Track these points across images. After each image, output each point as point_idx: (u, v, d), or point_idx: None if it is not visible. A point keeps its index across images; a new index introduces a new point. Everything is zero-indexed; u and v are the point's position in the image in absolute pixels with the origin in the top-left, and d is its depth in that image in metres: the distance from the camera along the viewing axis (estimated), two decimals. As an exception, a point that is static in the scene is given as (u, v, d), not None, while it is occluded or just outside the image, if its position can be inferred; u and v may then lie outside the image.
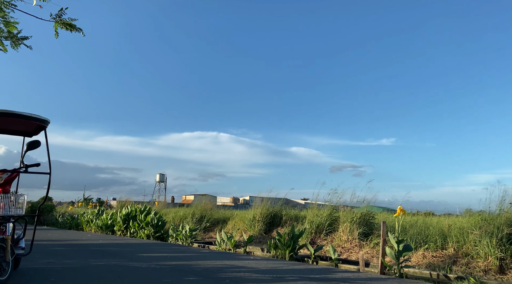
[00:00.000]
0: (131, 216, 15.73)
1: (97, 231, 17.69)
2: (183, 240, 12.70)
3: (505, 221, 8.01)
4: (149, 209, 15.58)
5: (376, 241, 9.78)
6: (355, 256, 9.62)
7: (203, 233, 15.27)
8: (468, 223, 8.77)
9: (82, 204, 33.67)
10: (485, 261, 7.81)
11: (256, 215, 13.59)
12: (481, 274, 7.49)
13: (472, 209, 10.01)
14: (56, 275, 5.59)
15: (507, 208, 8.29)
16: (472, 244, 8.29)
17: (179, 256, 8.63)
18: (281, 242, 9.37)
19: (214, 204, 20.85)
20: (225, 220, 15.78)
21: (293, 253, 9.37)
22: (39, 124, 5.37)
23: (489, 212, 8.55)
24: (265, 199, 14.23)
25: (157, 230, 14.32)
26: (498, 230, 7.92)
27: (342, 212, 11.88)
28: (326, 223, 11.57)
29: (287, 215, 13.65)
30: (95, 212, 19.37)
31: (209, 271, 6.35)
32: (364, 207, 11.64)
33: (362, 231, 10.54)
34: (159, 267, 6.63)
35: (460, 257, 8.30)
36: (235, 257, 8.76)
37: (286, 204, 15.71)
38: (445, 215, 12.73)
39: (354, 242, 10.37)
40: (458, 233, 8.79)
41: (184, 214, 16.72)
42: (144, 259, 7.75)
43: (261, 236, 12.90)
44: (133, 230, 15.22)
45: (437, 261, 8.35)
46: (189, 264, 7.24)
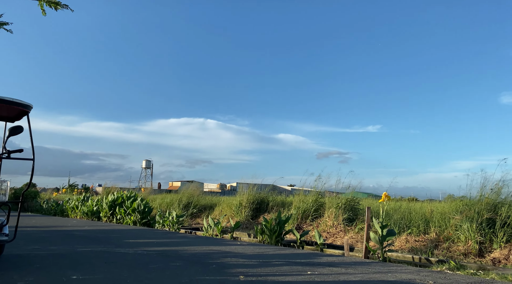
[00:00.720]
0: (117, 203, 15.64)
1: (83, 217, 17.56)
2: (169, 226, 12.72)
3: (485, 206, 8.24)
4: (135, 195, 15.51)
5: (361, 226, 9.96)
6: (340, 241, 9.79)
7: (190, 219, 15.31)
8: (450, 208, 8.99)
9: (67, 190, 33.32)
10: (465, 245, 8.05)
11: (243, 201, 13.67)
12: (461, 257, 7.73)
13: (454, 194, 10.25)
14: (41, 261, 5.56)
15: (487, 194, 8.51)
16: (453, 228, 8.52)
17: (166, 242, 8.65)
18: (268, 228, 9.47)
19: (201, 190, 20.87)
20: (212, 206, 15.83)
21: (279, 239, 9.49)
22: (22, 110, 5.25)
23: (470, 198, 8.76)
24: (252, 185, 14.30)
25: (144, 216, 14.30)
26: (478, 215, 8.14)
27: (328, 198, 12.04)
28: (312, 208, 11.72)
29: (273, 201, 13.76)
30: (81, 198, 19.20)
31: (196, 257, 6.39)
32: (350, 193, 11.81)
33: (347, 216, 10.71)
34: (146, 253, 6.64)
35: (442, 241, 8.52)
36: (222, 242, 8.83)
37: (273, 190, 15.83)
38: (428, 200, 13.01)
39: (339, 227, 10.54)
40: (440, 218, 9.01)
41: (171, 200, 16.70)
42: (130, 245, 7.74)
43: (248, 222, 13.00)
44: (119, 217, 15.16)
45: (420, 245, 8.56)
46: (176, 249, 7.27)
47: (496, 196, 8.44)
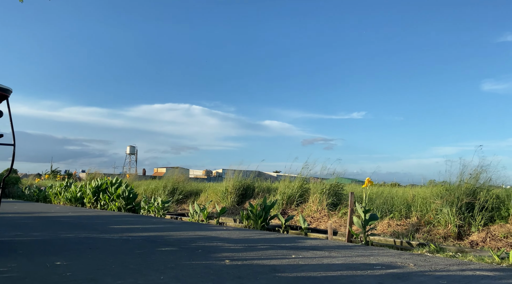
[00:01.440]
0: (101, 189, 15.51)
1: (66, 203, 17.38)
2: (155, 212, 12.70)
3: (465, 191, 8.47)
4: (120, 181, 15.38)
5: (344, 211, 10.14)
6: (324, 226, 9.96)
7: (176, 205, 15.31)
8: (431, 193, 9.21)
9: (49, 176, 32.81)
10: (445, 228, 8.29)
11: (228, 187, 13.71)
12: (441, 240, 7.96)
13: (435, 180, 10.49)
14: (24, 247, 5.50)
15: (467, 179, 8.74)
16: (434, 212, 8.75)
17: (151, 228, 8.65)
18: (253, 213, 9.55)
19: (186, 177, 20.82)
20: (197, 192, 15.84)
21: (264, 223, 9.59)
22: (1, 94, 5.10)
23: (450, 183, 8.98)
24: (238, 172, 14.34)
25: (129, 203, 14.23)
26: (458, 200, 8.37)
27: (312, 184, 12.18)
28: (297, 194, 11.85)
29: (259, 187, 13.84)
30: (64, 184, 18.95)
31: (182, 242, 6.42)
32: (334, 179, 11.96)
33: (331, 201, 10.87)
34: (131, 238, 6.63)
35: (423, 225, 8.75)
36: (208, 228, 8.88)
37: (259, 176, 15.91)
38: (410, 185, 13.30)
39: (323, 212, 10.71)
40: (421, 202, 9.23)
41: (156, 186, 16.64)
42: (115, 231, 7.72)
43: (234, 208, 13.08)
44: (103, 203, 15.05)
45: (401, 229, 8.77)
46: (162, 235, 7.28)
47: (475, 181, 8.67)
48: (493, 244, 7.43)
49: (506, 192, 8.74)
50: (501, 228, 7.86)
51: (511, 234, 7.55)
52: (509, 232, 7.61)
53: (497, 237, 7.64)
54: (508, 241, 7.42)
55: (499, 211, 8.18)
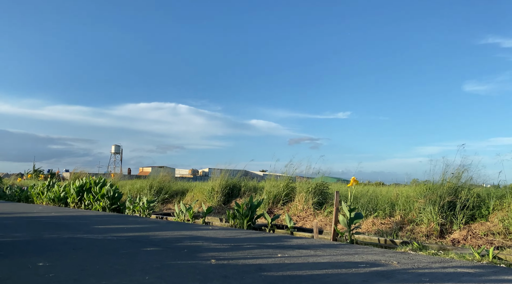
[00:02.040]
0: (86, 188, 15.28)
1: (49, 203, 17.07)
2: (140, 211, 12.59)
3: (447, 190, 8.63)
4: (104, 181, 15.18)
5: (330, 209, 10.22)
6: (309, 224, 10.02)
7: (161, 205, 15.19)
8: (414, 192, 9.36)
9: (32, 176, 32.19)
10: (428, 226, 8.44)
11: (215, 186, 13.68)
12: (423, 238, 8.10)
13: (418, 179, 10.67)
14: (6, 248, 5.39)
15: (449, 178, 8.92)
16: (417, 211, 8.89)
17: (136, 228, 8.57)
18: (240, 212, 9.55)
19: (172, 176, 20.68)
20: (183, 192, 15.75)
21: (251, 223, 9.60)
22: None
23: (433, 182, 9.15)
24: (224, 171, 14.31)
25: (113, 202, 14.06)
26: (440, 198, 8.53)
27: (298, 183, 12.24)
28: (283, 193, 11.90)
29: (245, 186, 13.85)
30: (46, 184, 18.60)
31: (167, 242, 6.38)
32: (319, 178, 12.06)
33: (317, 200, 10.95)
34: (115, 239, 6.56)
35: (406, 223, 8.89)
36: (193, 227, 8.84)
37: (245, 176, 15.91)
38: (394, 184, 13.49)
39: (309, 211, 10.78)
40: (405, 201, 9.38)
41: (141, 186, 16.48)
42: (99, 231, 7.62)
43: (220, 207, 13.06)
44: (87, 202, 14.84)
45: (385, 228, 8.90)
46: (147, 235, 7.23)
47: (457, 180, 8.85)
48: (474, 242, 7.60)
49: (486, 191, 8.96)
50: (481, 226, 8.04)
51: (491, 232, 7.74)
52: (489, 230, 7.80)
53: (477, 235, 7.82)
54: (488, 239, 7.60)
55: (479, 210, 8.37)
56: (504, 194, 8.39)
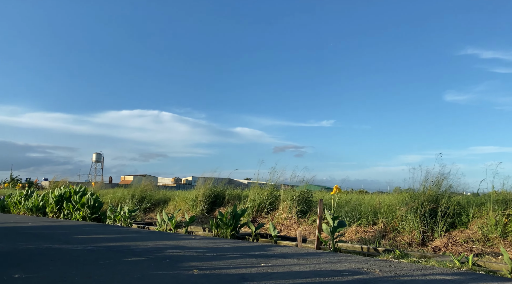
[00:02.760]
0: (65, 197, 14.93)
1: (27, 213, 16.59)
2: (121, 221, 12.36)
3: (428, 198, 8.77)
4: (84, 190, 14.88)
5: (314, 218, 10.25)
6: (293, 233, 10.01)
7: (143, 214, 14.96)
8: (397, 200, 9.48)
9: (9, 185, 31.31)
10: (410, 234, 8.54)
11: (198, 195, 13.56)
12: (405, 246, 8.19)
13: (400, 187, 10.80)
14: (-21, 260, 5.19)
15: (430, 186, 9.07)
16: (399, 219, 8.99)
17: (117, 237, 8.40)
18: (223, 221, 9.47)
19: (154, 185, 20.43)
20: (166, 201, 15.56)
21: (234, 232, 9.53)
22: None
23: (415, 190, 9.28)
24: (208, 179, 14.21)
25: (94, 212, 13.77)
26: (421, 206, 8.65)
27: (283, 191, 12.24)
28: (267, 201, 11.87)
29: (229, 195, 13.77)
30: (24, 193, 18.10)
31: (149, 252, 6.27)
32: (304, 186, 12.09)
33: (301, 208, 10.97)
34: (95, 249, 6.41)
35: (389, 231, 8.98)
36: (176, 237, 8.72)
37: (230, 184, 15.86)
38: (377, 192, 13.64)
39: (293, 219, 10.77)
40: (388, 209, 9.47)
41: (123, 195, 16.21)
42: (79, 241, 7.44)
43: (204, 216, 12.94)
44: (67, 212, 14.49)
45: (368, 236, 8.96)
46: (128, 244, 7.09)
47: (437, 188, 9.01)
48: (454, 249, 7.72)
49: (466, 199, 9.14)
50: (461, 233, 8.19)
51: (471, 239, 7.88)
52: (469, 237, 7.94)
53: (458, 242, 7.95)
54: (468, 246, 7.73)
55: (459, 217, 8.53)
56: (483, 202, 8.57)
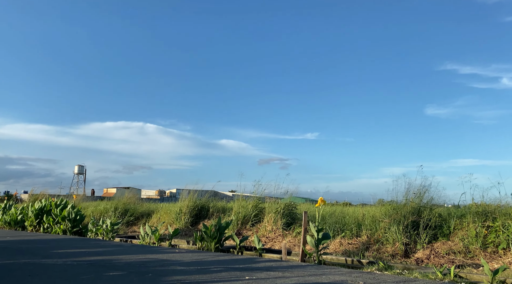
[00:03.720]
0: (45, 210, 14.57)
1: (4, 227, 16.10)
2: (103, 234, 12.11)
3: (410, 210, 8.89)
4: (65, 203, 14.55)
5: (298, 230, 10.25)
6: (278, 245, 9.98)
7: (126, 227, 14.70)
8: (380, 212, 9.58)
9: (-14, 198, 30.36)
10: (393, 246, 8.61)
11: (182, 207, 13.42)
12: (389, 258, 8.25)
13: (384, 199, 10.92)
14: (-47, 276, 5.01)
15: (412, 198, 9.20)
16: (382, 231, 9.07)
17: (99, 251, 8.22)
18: (207, 234, 9.38)
19: (138, 197, 20.14)
20: (149, 214, 15.34)
21: (219, 245, 9.44)
22: None
23: (397, 202, 9.41)
24: (192, 191, 14.10)
25: (75, 225, 13.46)
26: (404, 218, 8.76)
27: (267, 203, 12.23)
28: (252, 214, 11.83)
29: (214, 207, 13.68)
30: (2, 206, 17.59)
31: (131, 266, 6.16)
32: (288, 198, 12.11)
33: (286, 221, 10.96)
34: (76, 263, 6.26)
35: (372, 243, 9.04)
36: (159, 250, 8.59)
37: (214, 196, 15.74)
38: (360, 205, 13.75)
39: (278, 232, 10.75)
40: (371, 221, 9.56)
41: (105, 207, 15.92)
42: (59, 256, 7.25)
43: (188, 229, 12.79)
44: (47, 225, 14.13)
45: (352, 248, 9.00)
46: (110, 259, 6.94)
47: (419, 200, 9.15)
48: (437, 261, 7.82)
49: (447, 211, 9.30)
50: (443, 245, 8.30)
51: (452, 251, 7.99)
52: (451, 249, 8.06)
53: (440, 254, 8.05)
54: (450, 258, 7.84)
55: (441, 229, 8.66)
56: (464, 213, 8.74)
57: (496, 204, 8.43)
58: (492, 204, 8.46)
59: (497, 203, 8.44)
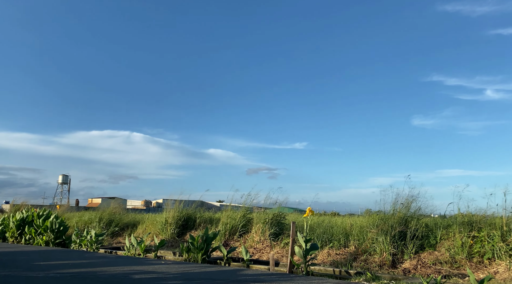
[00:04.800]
0: (27, 221, 14.21)
1: (-15, 238, 15.63)
2: (87, 246, 11.85)
3: (398, 220, 8.94)
4: (48, 213, 14.22)
5: (286, 240, 10.19)
6: (266, 256, 9.90)
7: (111, 238, 14.43)
8: (368, 222, 9.60)
9: (-34, 208, 29.54)
10: (381, 256, 8.62)
11: (168, 218, 13.25)
12: (376, 268, 8.25)
13: (371, 209, 10.98)
14: None
15: (399, 208, 9.26)
16: (370, 241, 9.09)
17: (83, 263, 8.02)
18: (194, 245, 9.26)
19: (123, 208, 19.84)
20: (135, 224, 15.11)
21: (206, 256, 9.31)
22: None
23: (385, 212, 9.45)
24: (179, 202, 13.95)
25: (58, 236, 13.14)
26: (391, 228, 8.80)
27: (255, 214, 12.16)
28: (240, 224, 11.74)
29: (201, 218, 13.54)
30: (-17, 217, 17.10)
31: (116, 278, 6.01)
32: (276, 208, 12.07)
33: (274, 231, 10.90)
34: (59, 276, 6.08)
35: (360, 253, 9.04)
36: (145, 262, 8.43)
37: (201, 206, 15.60)
38: (348, 215, 13.79)
39: (266, 243, 10.67)
40: (359, 231, 9.57)
41: (90, 218, 15.63)
42: (41, 268, 7.05)
43: (174, 240, 12.61)
44: (28, 237, 13.76)
45: (340, 258, 8.98)
46: (94, 271, 6.77)
47: (406, 210, 9.21)
48: (423, 271, 7.85)
49: (434, 221, 9.38)
50: (430, 255, 8.35)
51: (439, 261, 8.04)
52: (437, 259, 8.10)
53: (427, 264, 8.09)
54: (436, 268, 7.88)
55: (428, 239, 8.71)
56: (450, 224, 8.82)
57: (481, 214, 8.54)
58: (477, 214, 8.57)
59: (482, 213, 8.55)
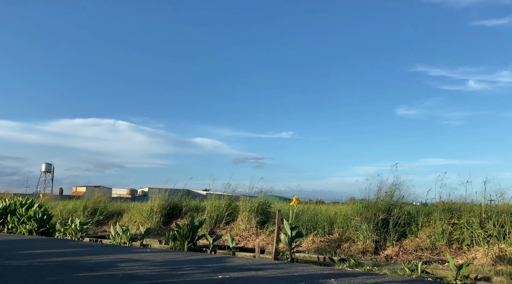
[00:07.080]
0: (10, 210, 14.01)
1: (-35, 227, 15.36)
2: (72, 234, 11.77)
3: (381, 208, 9.12)
4: (32, 202, 14.04)
5: (272, 228, 10.30)
6: (252, 244, 10.00)
7: (96, 227, 14.34)
8: (351, 210, 9.76)
9: None
10: (364, 243, 8.81)
11: (154, 206, 13.22)
12: (360, 255, 8.43)
13: (355, 197, 11.15)
14: None
15: (383, 197, 9.43)
16: (353, 229, 9.26)
17: (67, 252, 7.97)
18: (180, 233, 9.28)
19: (109, 196, 19.70)
20: (120, 213, 15.03)
21: (192, 244, 9.36)
22: None
23: (369, 200, 9.62)
24: (165, 190, 13.91)
25: (42, 225, 13.00)
26: (375, 216, 8.97)
27: (241, 202, 12.23)
28: (226, 213, 11.80)
29: (187, 206, 13.55)
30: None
31: (101, 266, 6.01)
32: (262, 197, 12.15)
33: (260, 219, 11.00)
34: (43, 264, 6.05)
35: (344, 241, 9.21)
36: (130, 250, 8.42)
37: (187, 195, 15.59)
38: (333, 203, 13.98)
39: (251, 230, 10.77)
40: (343, 219, 9.73)
41: (74, 207, 15.47)
42: (25, 257, 6.98)
43: (160, 228, 12.61)
44: (11, 225, 13.58)
45: (325, 245, 9.14)
46: (79, 259, 6.75)
47: (390, 198, 9.39)
48: (405, 258, 8.05)
49: (415, 209, 9.59)
50: (411, 242, 8.56)
51: (420, 248, 8.26)
52: (419, 246, 8.32)
53: (408, 250, 8.30)
54: (417, 254, 8.09)
55: (410, 227, 8.92)
56: (431, 211, 9.04)
57: (461, 202, 8.77)
58: (457, 202, 8.80)
59: (462, 201, 8.78)
